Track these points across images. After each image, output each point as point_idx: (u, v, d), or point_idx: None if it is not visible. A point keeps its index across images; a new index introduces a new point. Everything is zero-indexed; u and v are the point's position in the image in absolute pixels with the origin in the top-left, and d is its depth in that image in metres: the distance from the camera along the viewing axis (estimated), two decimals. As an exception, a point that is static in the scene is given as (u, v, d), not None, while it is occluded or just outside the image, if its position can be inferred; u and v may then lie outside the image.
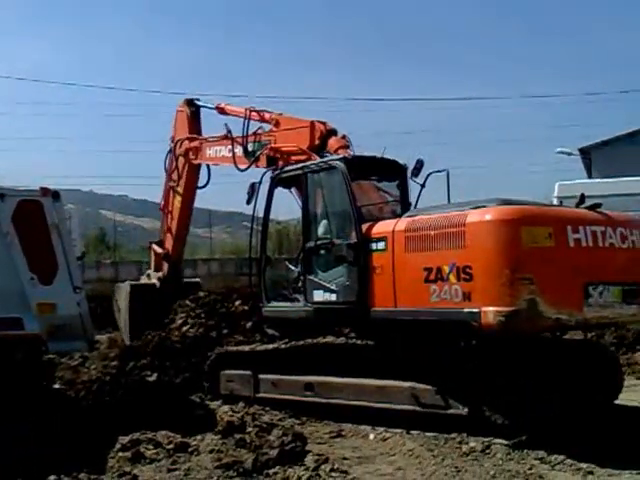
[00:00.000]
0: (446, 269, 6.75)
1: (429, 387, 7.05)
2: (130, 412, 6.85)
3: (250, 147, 10.49)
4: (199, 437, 6.53)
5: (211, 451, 6.27)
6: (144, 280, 12.53)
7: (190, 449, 6.31)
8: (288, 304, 8.83)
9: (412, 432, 7.08)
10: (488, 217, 6.61)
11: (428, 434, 6.95)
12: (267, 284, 9.24)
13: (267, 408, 8.10)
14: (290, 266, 9.29)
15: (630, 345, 12.66)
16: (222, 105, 11.73)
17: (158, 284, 12.00)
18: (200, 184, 12.28)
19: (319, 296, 8.20)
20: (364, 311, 7.64)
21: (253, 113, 10.69)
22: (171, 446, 6.27)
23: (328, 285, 8.09)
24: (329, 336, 8.24)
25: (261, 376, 8.65)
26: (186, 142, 11.93)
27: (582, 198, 7.46)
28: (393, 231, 7.41)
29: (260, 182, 9.21)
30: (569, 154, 31.05)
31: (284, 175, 9.07)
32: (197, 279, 14.09)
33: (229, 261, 22.01)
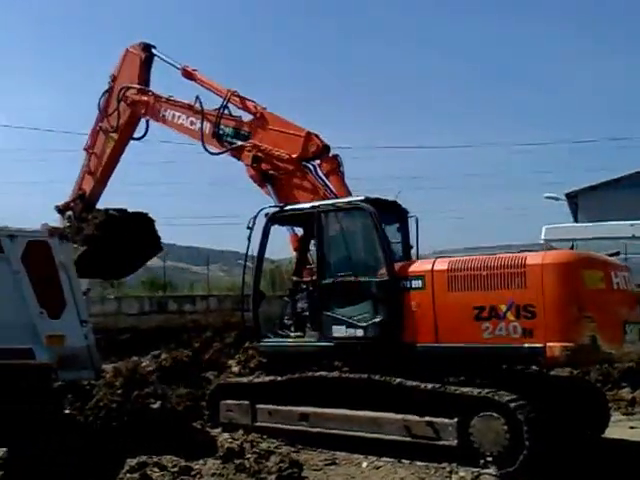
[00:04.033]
0: (503, 307, 6.88)
1: (420, 419, 7.06)
2: (136, 437, 6.81)
3: (221, 130, 9.49)
4: (201, 461, 6.51)
5: (212, 475, 6.26)
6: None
7: (193, 472, 6.28)
8: (290, 339, 8.64)
9: (403, 461, 7.06)
10: (552, 260, 6.85)
11: (419, 463, 6.94)
12: (262, 319, 9.00)
13: (264, 436, 8.03)
14: (299, 301, 8.84)
15: (615, 382, 12.60)
16: (191, 69, 10.15)
17: None
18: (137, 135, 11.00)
19: (340, 331, 7.95)
20: (396, 346, 7.55)
21: (235, 97, 9.62)
22: (175, 469, 6.24)
23: (351, 321, 7.87)
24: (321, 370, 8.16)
25: (258, 406, 8.59)
26: (133, 92, 10.46)
27: (572, 244, 7.78)
28: (432, 270, 7.41)
29: (256, 216, 8.69)
30: (556, 199, 31.14)
31: (286, 214, 8.72)
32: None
33: (226, 297, 22.03)
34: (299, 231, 9.40)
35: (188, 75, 10.12)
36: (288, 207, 8.78)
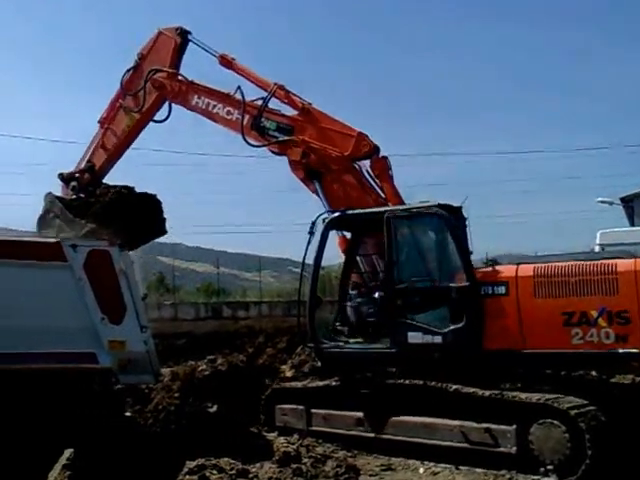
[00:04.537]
0: (594, 313, 6.89)
1: (478, 425, 6.96)
2: (194, 439, 6.89)
3: (262, 123, 9.23)
4: (258, 465, 6.53)
5: (269, 478, 6.26)
6: None
7: (250, 475, 6.30)
8: (356, 345, 8.48)
9: (461, 468, 6.97)
10: None
11: (477, 470, 6.84)
12: (317, 324, 8.90)
13: (320, 440, 8.01)
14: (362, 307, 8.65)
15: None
16: (230, 58, 9.70)
17: None
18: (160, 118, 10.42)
19: (416, 338, 7.76)
20: (477, 352, 7.47)
21: (280, 91, 9.24)
22: (233, 472, 6.26)
23: (428, 327, 7.72)
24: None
25: (313, 410, 8.57)
26: (164, 75, 10.00)
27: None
28: (516, 276, 7.39)
29: (315, 221, 8.58)
30: (610, 203, 30.09)
31: (348, 219, 8.61)
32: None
33: (278, 304, 22.22)
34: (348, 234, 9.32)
35: (226, 64, 9.74)
36: (350, 212, 8.62)
